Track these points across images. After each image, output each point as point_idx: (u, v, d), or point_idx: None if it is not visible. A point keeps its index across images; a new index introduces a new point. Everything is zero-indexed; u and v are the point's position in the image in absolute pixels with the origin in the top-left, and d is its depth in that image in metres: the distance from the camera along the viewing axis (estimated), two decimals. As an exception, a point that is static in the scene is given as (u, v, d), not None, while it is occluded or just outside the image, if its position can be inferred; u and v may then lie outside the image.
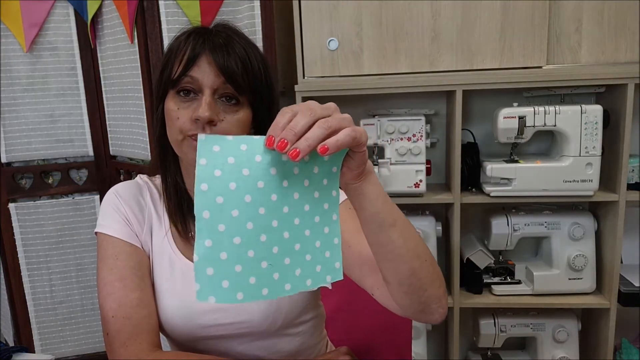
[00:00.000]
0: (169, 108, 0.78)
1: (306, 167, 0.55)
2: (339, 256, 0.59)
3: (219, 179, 0.53)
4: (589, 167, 1.43)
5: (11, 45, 1.57)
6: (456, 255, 1.55)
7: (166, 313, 0.82)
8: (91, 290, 1.75)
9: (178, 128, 0.77)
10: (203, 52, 0.76)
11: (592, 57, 1.44)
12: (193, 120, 0.75)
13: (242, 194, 0.53)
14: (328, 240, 0.58)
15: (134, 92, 1.50)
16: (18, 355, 1.01)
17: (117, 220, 0.83)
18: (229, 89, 0.76)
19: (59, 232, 1.69)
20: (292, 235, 0.56)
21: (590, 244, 1.53)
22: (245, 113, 0.79)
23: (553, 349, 1.60)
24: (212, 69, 0.75)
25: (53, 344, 1.75)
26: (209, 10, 1.39)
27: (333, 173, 0.57)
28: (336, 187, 0.58)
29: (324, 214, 0.58)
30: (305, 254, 0.57)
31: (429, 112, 1.63)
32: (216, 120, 0.76)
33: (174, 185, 0.86)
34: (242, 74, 0.76)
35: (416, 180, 1.49)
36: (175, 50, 0.79)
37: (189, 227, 0.85)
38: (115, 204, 0.85)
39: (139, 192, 0.88)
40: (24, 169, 1.66)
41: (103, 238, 0.83)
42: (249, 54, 0.78)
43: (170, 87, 0.78)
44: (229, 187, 0.52)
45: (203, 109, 0.74)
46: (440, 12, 1.44)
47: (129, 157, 1.63)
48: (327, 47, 1.48)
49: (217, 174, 0.53)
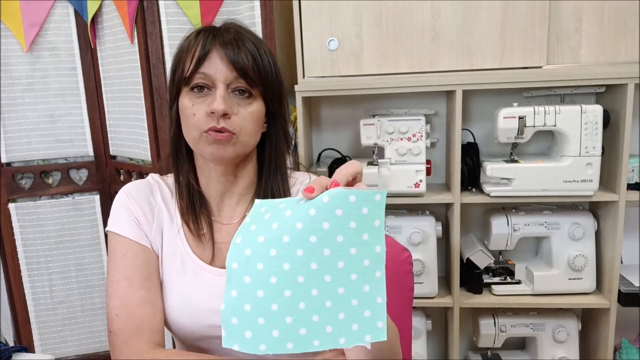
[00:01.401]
0: (184, 105, 0.79)
1: (339, 221, 0.52)
2: (383, 315, 0.54)
3: (251, 233, 0.54)
4: (589, 167, 1.43)
5: (11, 45, 1.57)
6: (456, 255, 1.55)
7: (173, 311, 0.83)
8: (91, 290, 1.75)
9: (195, 124, 0.78)
10: (214, 48, 0.77)
11: (592, 57, 1.44)
12: (208, 114, 0.76)
13: (268, 247, 0.53)
14: (369, 299, 0.54)
15: (134, 92, 1.50)
16: (18, 355, 1.01)
17: (126, 220, 0.84)
18: (241, 83, 0.78)
19: (59, 232, 1.69)
20: (322, 292, 0.53)
21: (590, 244, 1.53)
22: (258, 105, 0.80)
23: (553, 349, 1.60)
24: (224, 63, 0.77)
25: (53, 344, 1.75)
26: (209, 10, 1.39)
27: (375, 227, 0.53)
28: (381, 242, 0.53)
29: (364, 271, 0.53)
30: (338, 312, 0.54)
31: (429, 112, 1.63)
32: (230, 113, 0.77)
33: (186, 184, 0.86)
34: (253, 67, 0.77)
35: (416, 180, 1.49)
36: (185, 49, 0.80)
37: (200, 226, 0.86)
38: (126, 203, 0.86)
39: (150, 191, 0.89)
40: (24, 169, 1.66)
41: (113, 237, 0.84)
42: (258, 48, 0.79)
43: (183, 85, 0.79)
44: (257, 240, 0.53)
45: (218, 102, 0.75)
46: (440, 12, 1.44)
47: (129, 157, 1.63)
48: (327, 47, 1.48)
49: (252, 228, 0.54)
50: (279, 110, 0.85)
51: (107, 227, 0.86)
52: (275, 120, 0.86)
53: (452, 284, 1.57)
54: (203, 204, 0.87)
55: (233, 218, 0.89)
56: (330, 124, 1.71)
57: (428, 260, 1.54)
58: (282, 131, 0.87)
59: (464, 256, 1.57)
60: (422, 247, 1.54)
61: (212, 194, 0.88)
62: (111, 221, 0.85)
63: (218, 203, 0.88)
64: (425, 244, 1.55)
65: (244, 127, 0.79)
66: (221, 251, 0.86)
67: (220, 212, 0.89)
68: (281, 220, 0.53)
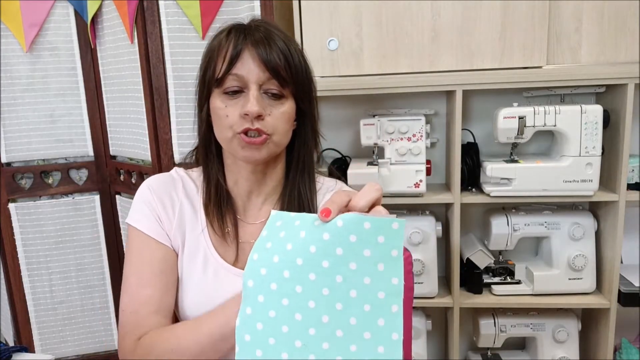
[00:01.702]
0: (216, 106, 0.79)
1: (352, 248, 0.50)
2: (399, 353, 0.50)
3: (267, 251, 0.53)
4: (589, 167, 1.43)
5: (11, 45, 1.57)
6: (456, 255, 1.55)
7: (191, 309, 0.82)
8: (91, 290, 1.75)
9: (228, 125, 0.77)
10: (245, 47, 0.77)
11: (592, 57, 1.44)
12: (242, 116, 0.76)
13: (282, 268, 0.51)
14: (383, 335, 0.50)
15: (134, 92, 1.50)
16: (18, 355, 1.01)
17: (146, 215, 0.84)
18: (273, 84, 0.77)
19: (59, 232, 1.69)
20: (333, 320, 0.51)
21: (590, 244, 1.53)
22: (289, 105, 0.80)
23: (553, 349, 1.60)
24: (256, 63, 0.76)
25: (53, 344, 1.75)
26: (209, 10, 1.39)
27: (392, 258, 0.50)
28: (398, 273, 0.50)
29: (378, 304, 0.50)
30: (349, 343, 0.51)
31: (429, 112, 1.63)
32: (264, 114, 0.77)
33: (215, 182, 0.86)
34: (284, 66, 0.77)
35: (416, 180, 1.49)
36: (216, 49, 0.79)
37: (225, 225, 0.85)
38: (147, 198, 0.85)
39: (173, 186, 0.88)
40: (24, 169, 1.66)
41: (131, 230, 0.84)
42: (289, 46, 0.79)
43: (215, 86, 0.79)
44: (272, 260, 0.52)
45: (251, 104, 0.75)
46: (440, 12, 1.44)
47: (129, 157, 1.63)
48: (327, 47, 1.48)
49: (268, 246, 0.53)
50: (309, 108, 0.84)
51: (127, 219, 0.85)
52: (305, 119, 0.86)
53: (452, 284, 1.57)
54: (229, 203, 0.87)
55: (258, 218, 0.88)
56: (330, 124, 1.71)
57: (428, 260, 1.54)
58: (311, 130, 0.87)
59: (464, 256, 1.57)
60: (422, 247, 1.55)
61: (239, 192, 0.87)
62: (131, 214, 0.85)
63: (245, 202, 0.88)
64: (425, 244, 1.55)
65: (277, 127, 0.79)
66: (244, 251, 0.86)
67: (246, 211, 0.88)
68: (296, 242, 0.51)
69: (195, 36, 1.41)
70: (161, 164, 1.48)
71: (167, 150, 1.47)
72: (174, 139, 1.46)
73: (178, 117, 1.45)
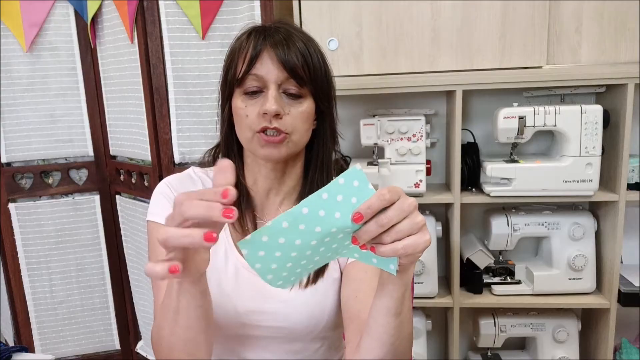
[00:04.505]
0: (237, 106, 0.81)
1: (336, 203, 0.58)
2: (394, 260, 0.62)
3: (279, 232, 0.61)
4: (589, 167, 1.43)
5: (11, 45, 1.57)
6: (456, 255, 1.55)
7: None
8: (91, 290, 1.76)
9: (248, 125, 0.79)
10: (265, 49, 0.79)
11: (592, 57, 1.44)
12: (261, 115, 0.78)
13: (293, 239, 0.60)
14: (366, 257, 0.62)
15: (134, 92, 1.50)
16: (18, 355, 1.01)
17: (167, 209, 0.83)
18: (292, 84, 0.79)
19: (59, 232, 1.69)
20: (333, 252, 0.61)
21: (590, 244, 1.53)
22: (308, 104, 0.82)
23: (553, 349, 1.60)
24: (275, 63, 0.78)
25: (53, 344, 1.75)
26: (209, 10, 1.39)
27: (366, 192, 0.58)
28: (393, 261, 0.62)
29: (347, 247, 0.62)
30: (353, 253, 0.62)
31: (429, 112, 1.63)
32: (282, 113, 0.78)
33: (235, 182, 0.87)
34: (302, 66, 0.79)
35: (416, 180, 1.49)
36: (237, 50, 0.82)
37: (245, 222, 0.86)
38: (167, 193, 0.86)
39: (192, 184, 0.89)
40: (24, 169, 1.66)
41: (153, 226, 0.84)
42: (308, 47, 0.81)
43: (236, 86, 0.81)
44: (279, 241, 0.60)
45: (270, 102, 0.77)
46: (440, 12, 1.44)
47: (129, 157, 1.63)
48: (327, 47, 1.48)
49: (264, 239, 0.61)
50: (328, 108, 0.86)
51: (147, 217, 0.86)
52: (325, 118, 0.87)
53: (452, 284, 1.57)
54: (249, 201, 0.88)
55: (276, 216, 0.89)
56: (330, 124, 1.70)
57: (428, 260, 1.54)
58: (330, 129, 0.88)
59: (464, 256, 1.57)
60: (422, 247, 1.54)
61: (258, 191, 0.88)
62: (151, 211, 0.85)
63: (263, 200, 0.89)
64: (425, 244, 1.54)
65: (295, 126, 0.80)
66: None
67: (264, 210, 0.89)
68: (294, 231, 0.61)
69: (195, 36, 1.41)
70: (161, 164, 1.48)
71: (167, 150, 1.47)
72: (174, 139, 1.46)
73: (178, 117, 1.45)
